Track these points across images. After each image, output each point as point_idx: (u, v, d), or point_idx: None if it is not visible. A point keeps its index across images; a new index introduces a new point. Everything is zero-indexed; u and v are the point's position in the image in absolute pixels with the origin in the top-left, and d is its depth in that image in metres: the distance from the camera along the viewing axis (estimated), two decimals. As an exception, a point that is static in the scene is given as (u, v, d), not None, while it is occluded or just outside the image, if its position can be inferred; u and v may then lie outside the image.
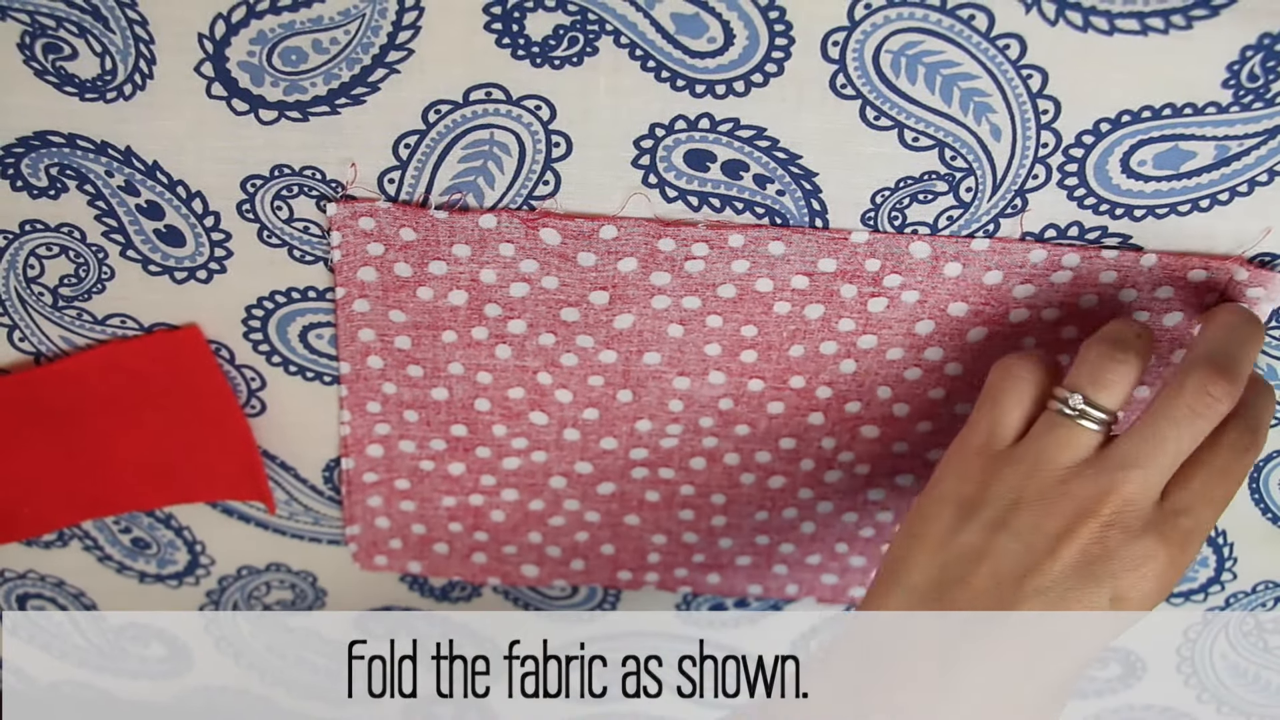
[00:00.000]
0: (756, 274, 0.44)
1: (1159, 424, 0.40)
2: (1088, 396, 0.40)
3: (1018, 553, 0.40)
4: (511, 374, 0.48)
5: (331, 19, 0.39)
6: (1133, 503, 0.40)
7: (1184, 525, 0.40)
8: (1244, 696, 0.57)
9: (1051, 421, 0.41)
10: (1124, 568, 0.39)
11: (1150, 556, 0.40)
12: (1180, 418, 0.40)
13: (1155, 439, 0.40)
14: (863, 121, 0.40)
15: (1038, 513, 0.40)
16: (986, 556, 0.40)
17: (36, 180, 0.44)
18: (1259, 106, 0.39)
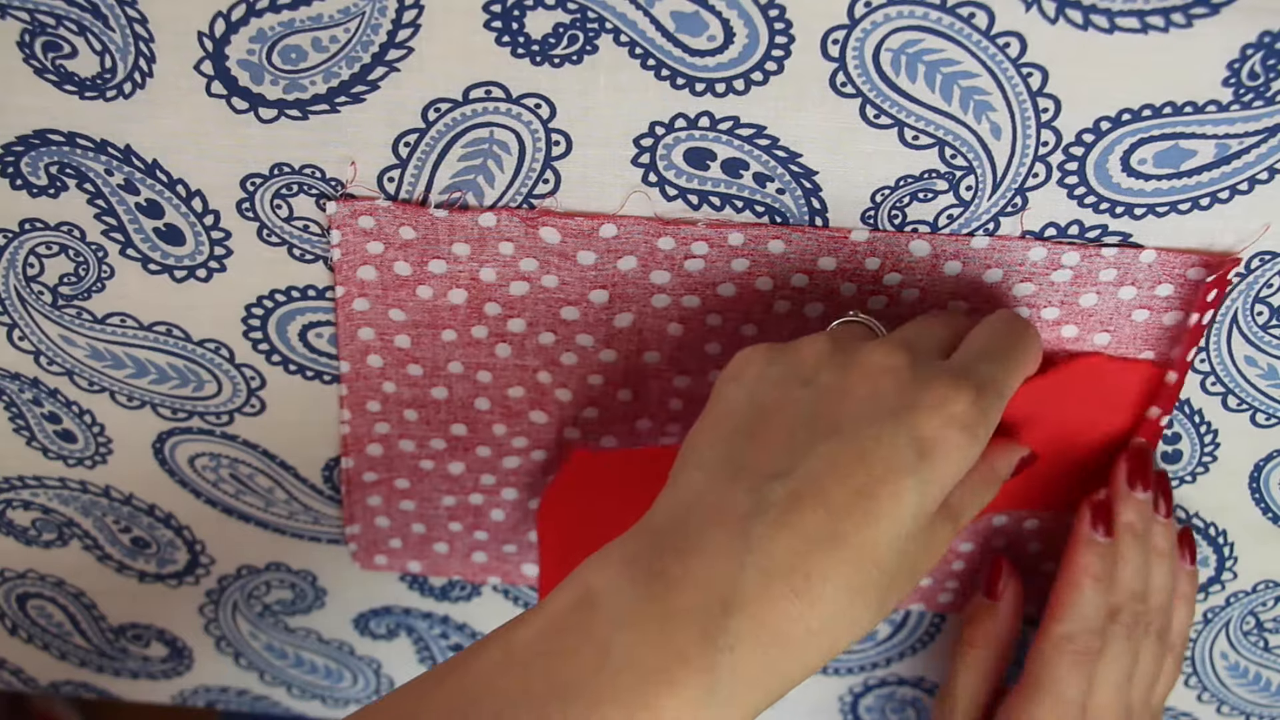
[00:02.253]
0: (756, 272, 0.44)
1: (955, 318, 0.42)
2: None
3: (813, 401, 0.38)
4: (511, 373, 0.48)
5: (331, 17, 0.39)
6: (924, 353, 0.39)
7: (978, 375, 0.39)
8: (1244, 696, 0.57)
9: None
10: (924, 416, 0.37)
11: (950, 400, 0.37)
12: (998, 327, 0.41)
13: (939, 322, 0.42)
14: (863, 120, 0.40)
15: (836, 367, 0.39)
16: (779, 410, 0.38)
17: (36, 179, 0.44)
18: (1259, 104, 0.39)
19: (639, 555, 0.36)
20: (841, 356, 0.39)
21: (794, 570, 0.35)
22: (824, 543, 0.36)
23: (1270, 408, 0.47)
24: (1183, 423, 0.48)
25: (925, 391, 0.38)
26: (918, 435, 0.37)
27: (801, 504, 0.36)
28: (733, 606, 0.34)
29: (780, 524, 0.36)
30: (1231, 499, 0.50)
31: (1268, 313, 0.45)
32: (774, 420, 0.38)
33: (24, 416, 0.51)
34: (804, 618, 0.35)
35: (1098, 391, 0.47)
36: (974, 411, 0.38)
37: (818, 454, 0.37)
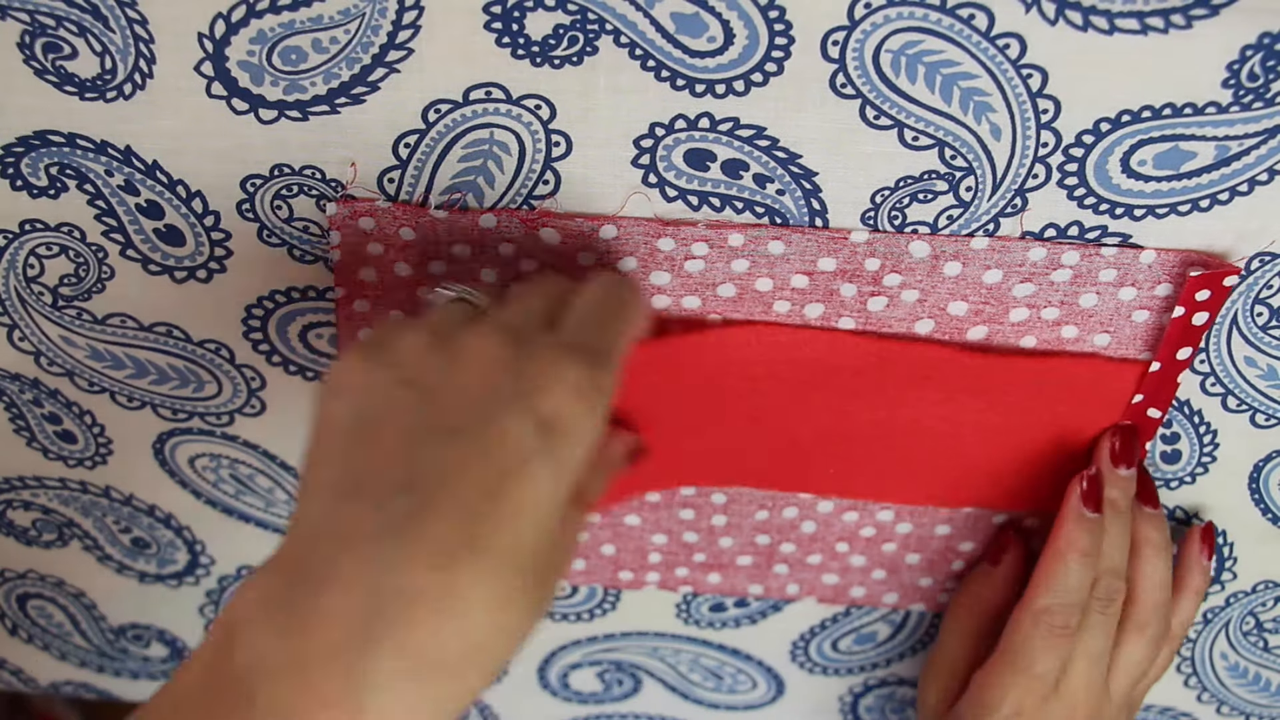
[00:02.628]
0: (756, 273, 0.44)
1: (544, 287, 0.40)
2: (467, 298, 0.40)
3: (421, 402, 0.36)
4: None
5: (331, 18, 0.39)
6: (524, 327, 0.37)
7: (587, 341, 0.37)
8: (1244, 696, 0.57)
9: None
10: (540, 393, 0.35)
11: (564, 372, 0.36)
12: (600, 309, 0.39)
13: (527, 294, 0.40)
14: (863, 121, 0.41)
15: (434, 362, 0.37)
16: (389, 417, 0.36)
17: (36, 180, 0.44)
18: (1259, 106, 0.39)
19: (273, 592, 0.33)
20: (443, 350, 0.37)
21: (436, 588, 0.32)
22: (462, 552, 0.33)
23: (1270, 408, 0.47)
24: (1182, 423, 0.48)
25: (536, 370, 0.35)
26: (539, 416, 0.35)
27: (431, 515, 0.33)
28: (375, 639, 0.32)
29: (412, 540, 0.33)
30: (1231, 499, 0.50)
31: (1267, 314, 0.45)
32: (386, 430, 0.35)
33: (24, 417, 0.51)
34: (456, 637, 0.32)
35: (1092, 391, 0.47)
36: (588, 382, 0.36)
37: (439, 459, 0.34)
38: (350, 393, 0.37)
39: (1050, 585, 0.48)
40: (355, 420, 0.36)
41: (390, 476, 0.34)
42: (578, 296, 0.39)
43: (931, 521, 0.52)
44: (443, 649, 0.32)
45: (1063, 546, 0.48)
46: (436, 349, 0.37)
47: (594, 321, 0.38)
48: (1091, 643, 0.48)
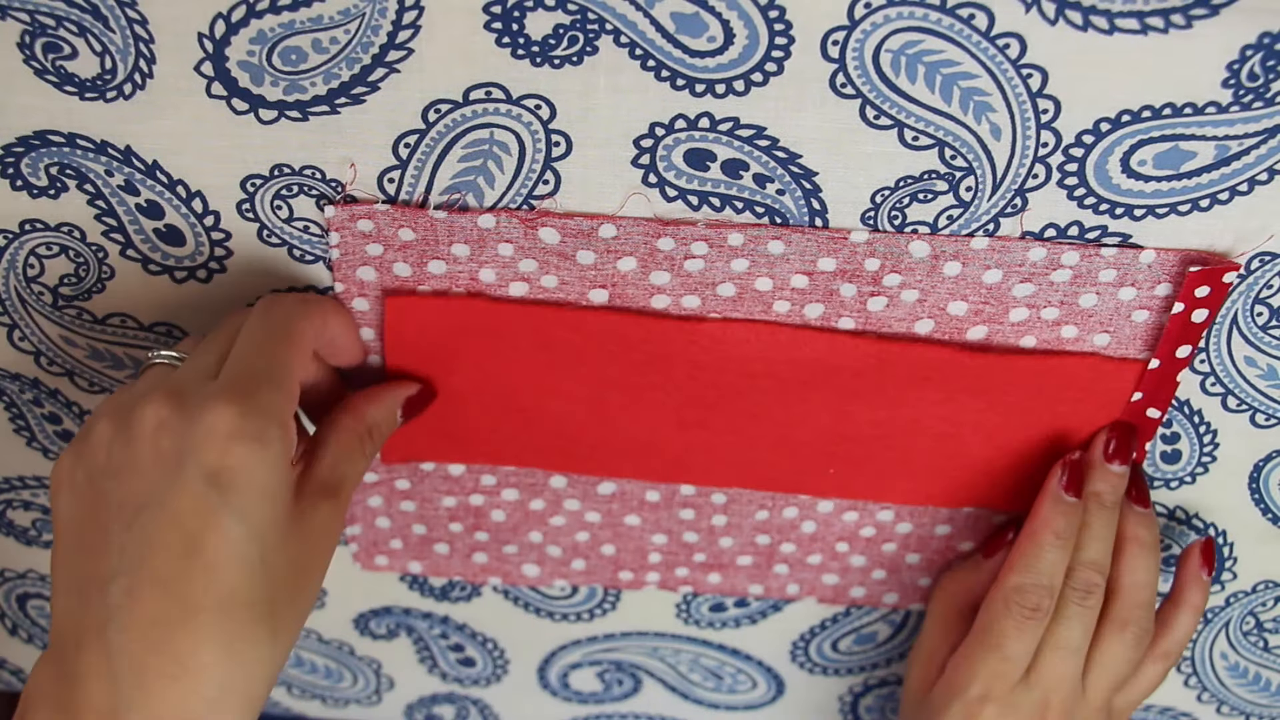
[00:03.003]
0: (756, 273, 0.44)
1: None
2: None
3: (112, 489, 0.38)
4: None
5: (331, 18, 0.39)
6: (179, 383, 0.39)
7: (233, 380, 0.39)
8: (1244, 696, 0.57)
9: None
10: (202, 448, 0.37)
11: (218, 419, 0.37)
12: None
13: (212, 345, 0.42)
14: (863, 121, 0.40)
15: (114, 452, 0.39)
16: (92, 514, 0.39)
17: (36, 180, 0.44)
18: (1259, 106, 0.39)
19: (49, 680, 0.38)
20: (123, 433, 0.39)
21: (159, 659, 0.36)
22: (174, 619, 0.36)
23: (1270, 408, 0.47)
24: (1182, 423, 0.48)
25: (195, 426, 0.37)
26: (206, 471, 0.37)
27: (138, 593, 0.36)
28: (125, 716, 0.35)
29: (128, 623, 0.36)
30: (1231, 499, 0.50)
31: (1267, 313, 0.45)
32: (91, 524, 0.38)
33: (24, 417, 0.51)
34: (194, 694, 0.36)
35: (1091, 391, 0.47)
36: (239, 420, 0.37)
37: (135, 540, 0.37)
38: (63, 492, 0.40)
39: (1022, 564, 0.48)
40: (70, 519, 0.40)
41: (103, 568, 0.37)
42: (240, 336, 0.41)
43: (932, 521, 0.52)
44: (187, 708, 0.36)
45: (1037, 527, 0.48)
46: (118, 433, 0.39)
47: (249, 352, 0.40)
48: (1065, 633, 0.48)
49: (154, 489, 0.37)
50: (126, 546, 0.37)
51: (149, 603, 0.36)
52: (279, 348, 0.40)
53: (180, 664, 0.36)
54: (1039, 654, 0.48)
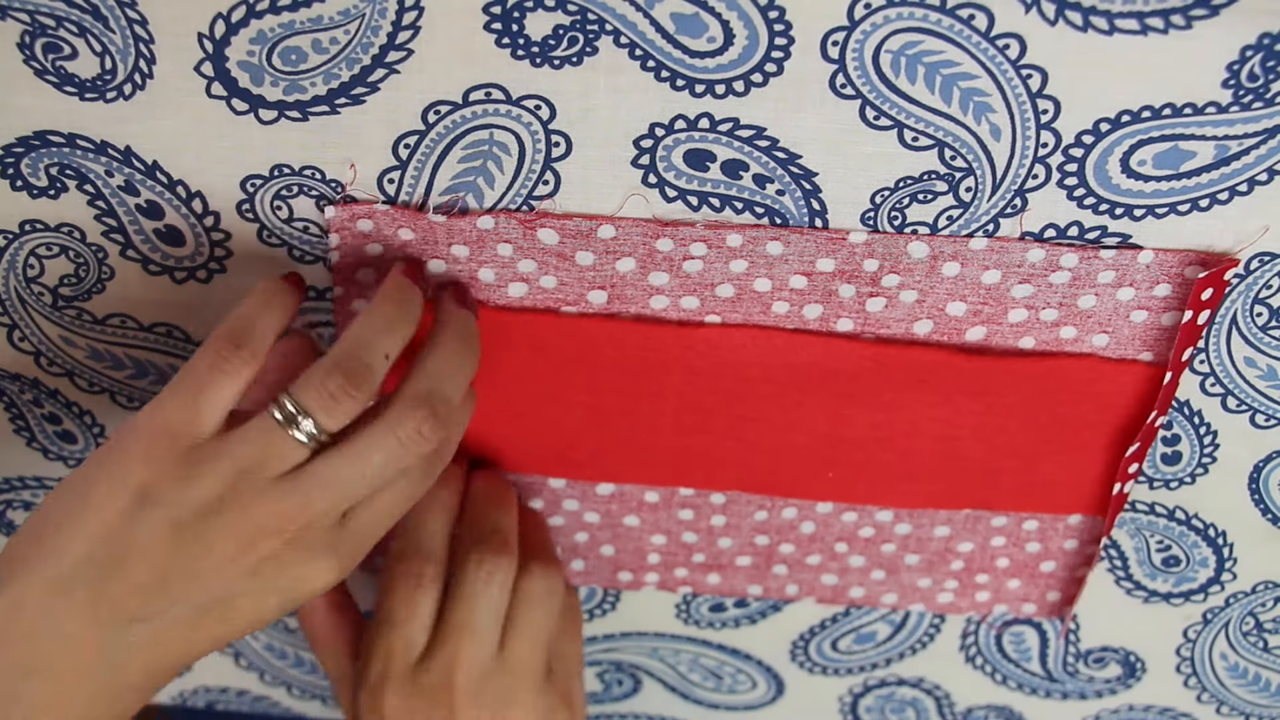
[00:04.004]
0: (755, 274, 0.44)
1: (367, 451, 0.40)
2: (317, 421, 0.39)
3: (197, 554, 0.39)
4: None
5: (331, 19, 0.39)
6: (317, 523, 0.39)
7: (356, 541, 0.41)
8: (1244, 696, 0.57)
9: (266, 426, 0.39)
10: (295, 584, 0.40)
11: (324, 571, 0.40)
12: (389, 448, 0.40)
13: (359, 465, 0.39)
14: (862, 121, 0.40)
15: (227, 524, 0.39)
16: (150, 551, 0.38)
17: (36, 180, 0.44)
18: (1259, 106, 0.39)
19: None
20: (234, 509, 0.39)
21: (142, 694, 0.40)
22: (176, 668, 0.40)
23: (1270, 409, 0.47)
24: (1182, 424, 0.48)
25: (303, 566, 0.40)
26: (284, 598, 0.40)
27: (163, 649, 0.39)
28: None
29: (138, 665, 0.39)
30: (1231, 500, 0.50)
31: (1267, 314, 0.45)
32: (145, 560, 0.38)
33: (24, 417, 0.51)
34: None
35: (1090, 392, 0.47)
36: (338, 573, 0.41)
37: (189, 610, 0.39)
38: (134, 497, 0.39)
39: (402, 529, 0.48)
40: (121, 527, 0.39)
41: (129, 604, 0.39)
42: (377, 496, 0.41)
43: (930, 522, 0.52)
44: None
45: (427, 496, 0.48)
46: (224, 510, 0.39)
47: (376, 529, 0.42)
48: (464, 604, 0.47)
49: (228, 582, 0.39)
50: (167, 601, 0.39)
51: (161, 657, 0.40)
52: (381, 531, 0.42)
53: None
54: (440, 622, 0.47)
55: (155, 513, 0.38)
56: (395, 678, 0.46)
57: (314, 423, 0.39)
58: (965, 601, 0.55)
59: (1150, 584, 0.54)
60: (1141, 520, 0.51)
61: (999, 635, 0.57)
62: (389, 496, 0.41)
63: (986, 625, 0.56)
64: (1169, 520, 0.51)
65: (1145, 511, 0.51)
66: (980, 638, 0.57)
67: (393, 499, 0.41)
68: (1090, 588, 0.54)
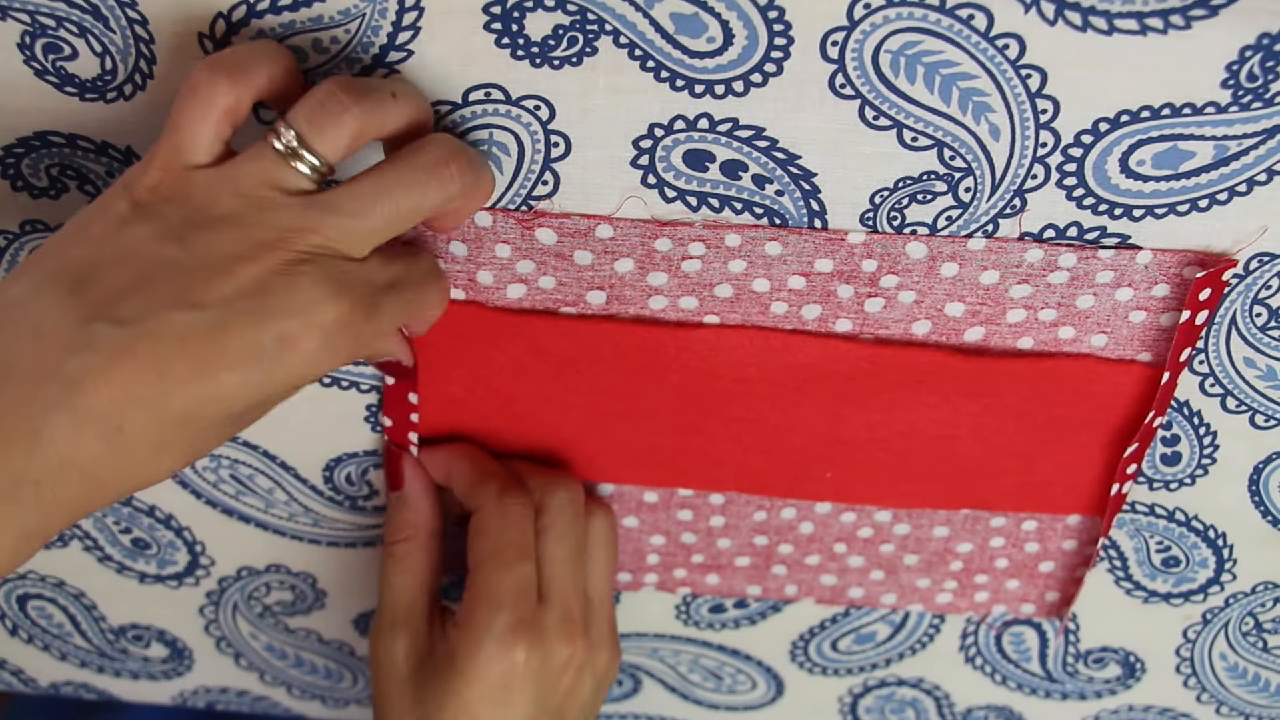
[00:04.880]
0: (753, 274, 0.44)
1: (387, 181, 0.37)
2: (303, 137, 0.37)
3: (184, 265, 0.35)
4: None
5: (331, 18, 0.39)
6: (330, 249, 0.37)
7: (371, 293, 0.38)
8: (1244, 697, 0.57)
9: (260, 153, 0.37)
10: (299, 310, 0.36)
11: (331, 305, 0.36)
12: (412, 182, 0.37)
13: (378, 194, 0.37)
14: (862, 121, 0.41)
15: (222, 231, 0.36)
16: (142, 259, 0.36)
17: (37, 180, 0.44)
18: (1258, 106, 0.39)
19: None
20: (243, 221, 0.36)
21: (108, 421, 0.34)
22: (147, 403, 0.35)
23: (1269, 409, 0.47)
24: (1182, 425, 0.48)
25: (311, 290, 0.36)
26: (284, 328, 0.36)
27: (134, 361, 0.34)
28: (40, 440, 0.34)
29: (105, 373, 0.34)
30: (1231, 501, 0.50)
31: (1266, 314, 0.45)
32: (130, 262, 0.36)
33: (24, 417, 0.51)
34: (111, 463, 0.35)
35: (1088, 392, 0.47)
36: (342, 324, 0.37)
37: (170, 320, 0.35)
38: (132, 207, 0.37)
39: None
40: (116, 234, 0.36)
41: (108, 305, 0.35)
42: (408, 250, 0.40)
43: (929, 523, 0.52)
44: (97, 469, 0.35)
45: None
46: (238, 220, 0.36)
47: (399, 286, 0.39)
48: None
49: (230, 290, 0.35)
50: (152, 306, 0.35)
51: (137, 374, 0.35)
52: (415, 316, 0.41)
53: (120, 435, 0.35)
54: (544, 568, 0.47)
55: (149, 223, 0.36)
56: (527, 622, 0.45)
57: (298, 138, 0.37)
58: (964, 602, 0.55)
59: (1150, 584, 0.54)
60: (1141, 521, 0.51)
61: (998, 635, 0.57)
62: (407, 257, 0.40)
63: (986, 626, 0.56)
64: (1169, 521, 0.51)
65: (1145, 512, 0.51)
66: (980, 638, 0.57)
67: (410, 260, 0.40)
68: (1090, 588, 0.54)
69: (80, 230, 0.37)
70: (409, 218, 0.38)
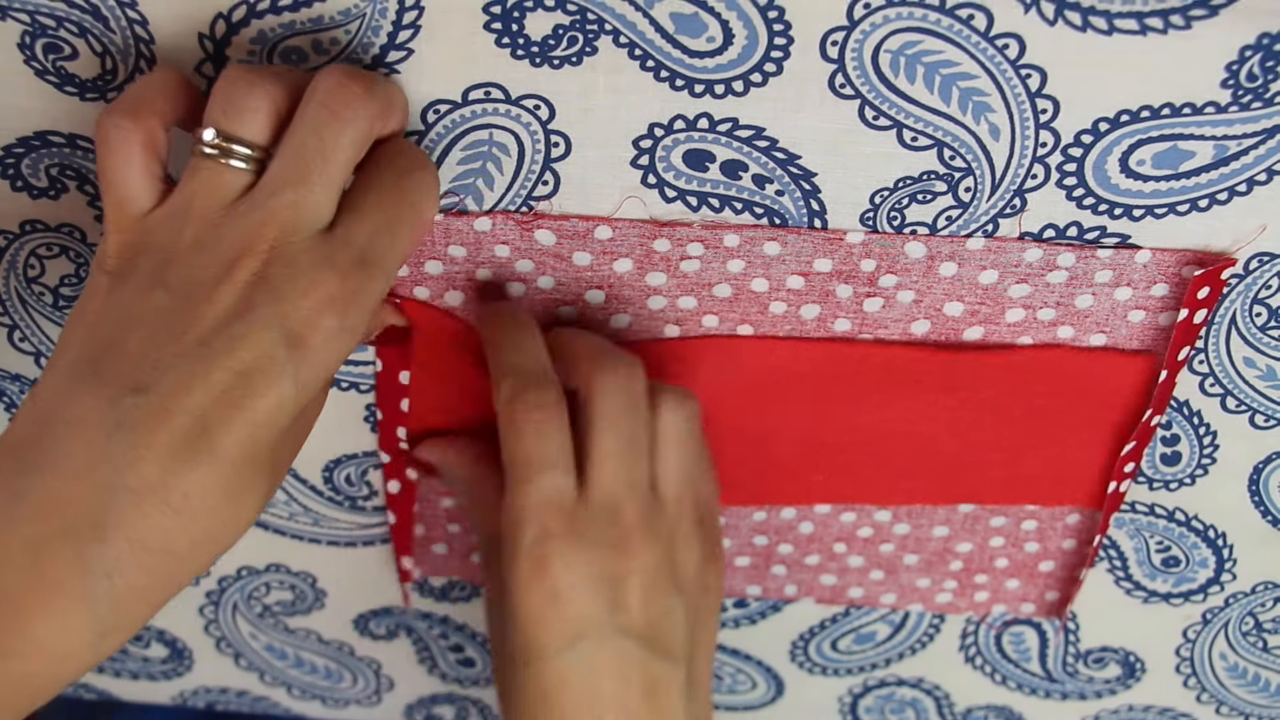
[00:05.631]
0: (752, 274, 0.44)
1: (298, 135, 0.36)
2: (222, 129, 0.36)
3: (172, 308, 0.35)
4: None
5: (332, 19, 0.39)
6: (291, 229, 0.36)
7: (355, 249, 0.36)
8: (1244, 697, 0.57)
9: (194, 167, 0.36)
10: (291, 305, 0.35)
11: (318, 284, 0.35)
12: (319, 120, 0.36)
13: (298, 152, 0.36)
14: (861, 121, 0.41)
15: (191, 263, 0.35)
16: (139, 318, 0.35)
17: (37, 180, 0.44)
18: (1258, 106, 0.39)
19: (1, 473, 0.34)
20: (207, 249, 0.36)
21: (167, 488, 0.33)
22: (195, 456, 0.34)
23: (1269, 409, 0.47)
24: (1182, 424, 0.48)
25: (296, 280, 0.35)
26: (288, 330, 0.35)
27: (169, 421, 0.34)
28: (105, 527, 0.33)
29: (148, 444, 0.33)
30: (1231, 501, 0.50)
31: (1266, 314, 0.45)
32: (135, 328, 0.35)
33: (25, 417, 0.51)
34: (186, 531, 0.34)
35: (1067, 385, 0.47)
36: (349, 306, 0.36)
37: (183, 369, 0.34)
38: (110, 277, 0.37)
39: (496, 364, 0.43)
40: (108, 306, 0.36)
41: (126, 375, 0.34)
42: (359, 184, 0.38)
43: (929, 522, 0.52)
44: (170, 541, 0.34)
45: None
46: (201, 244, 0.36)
47: (380, 226, 0.37)
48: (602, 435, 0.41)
49: (224, 329, 0.35)
50: (163, 361, 0.34)
51: (168, 430, 0.34)
52: (408, 236, 0.38)
53: (183, 498, 0.34)
54: (585, 457, 0.41)
55: (128, 283, 0.36)
56: (557, 533, 0.40)
57: (217, 132, 0.36)
58: (964, 601, 0.55)
59: (1150, 584, 0.54)
60: (1141, 521, 0.52)
61: (998, 635, 0.57)
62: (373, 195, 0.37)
63: (986, 625, 0.56)
64: (1169, 521, 0.51)
65: (1145, 512, 0.51)
66: (980, 638, 0.57)
67: (378, 198, 0.37)
68: (1090, 588, 0.54)
69: (79, 317, 0.37)
70: (342, 155, 0.36)
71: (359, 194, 0.38)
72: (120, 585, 0.33)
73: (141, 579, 0.34)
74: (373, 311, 0.37)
